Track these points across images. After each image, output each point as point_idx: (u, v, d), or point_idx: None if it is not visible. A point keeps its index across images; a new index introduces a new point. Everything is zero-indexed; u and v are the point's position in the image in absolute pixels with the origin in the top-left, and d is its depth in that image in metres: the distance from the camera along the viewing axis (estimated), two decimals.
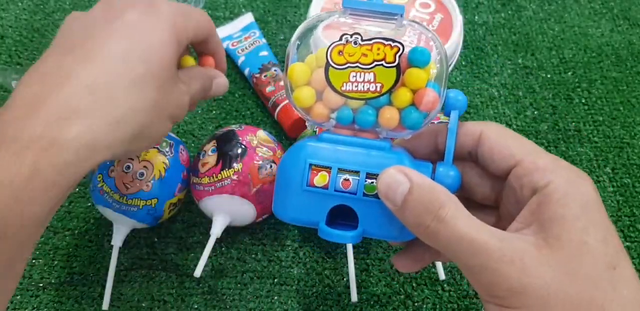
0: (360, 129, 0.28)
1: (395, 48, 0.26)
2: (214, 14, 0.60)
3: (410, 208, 0.23)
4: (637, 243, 0.45)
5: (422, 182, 0.24)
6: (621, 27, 0.60)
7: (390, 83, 0.26)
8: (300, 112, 0.28)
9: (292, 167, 0.27)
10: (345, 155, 0.27)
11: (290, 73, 0.28)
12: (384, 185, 0.24)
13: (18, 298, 0.41)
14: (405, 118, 0.27)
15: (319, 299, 0.41)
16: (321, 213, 0.26)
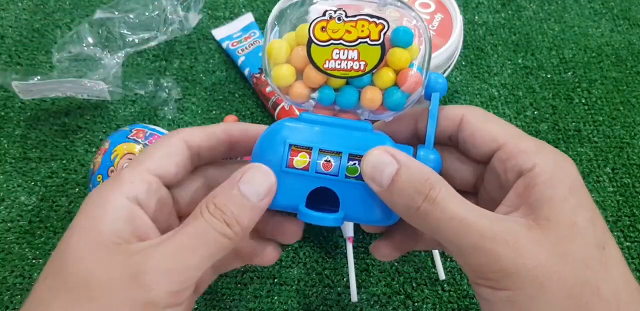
0: (341, 110, 0.27)
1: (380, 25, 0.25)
2: (214, 14, 0.60)
3: (399, 189, 0.23)
4: (637, 243, 0.45)
5: (411, 163, 0.23)
6: (621, 27, 0.60)
7: (374, 61, 0.26)
8: (279, 92, 0.27)
9: (270, 148, 0.25)
10: (326, 136, 0.26)
11: (269, 50, 0.26)
12: (370, 166, 0.23)
13: (18, 298, 0.41)
14: (388, 98, 0.26)
15: (319, 299, 0.41)
16: (301, 196, 0.25)
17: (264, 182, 0.24)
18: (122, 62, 0.53)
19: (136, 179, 0.24)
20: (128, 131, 0.41)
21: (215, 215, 0.23)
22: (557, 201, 0.22)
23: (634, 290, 0.21)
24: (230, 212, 0.23)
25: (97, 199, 0.23)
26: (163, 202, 0.25)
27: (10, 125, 0.51)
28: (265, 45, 0.27)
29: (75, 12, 0.60)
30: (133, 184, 0.24)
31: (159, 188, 0.25)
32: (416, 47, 0.26)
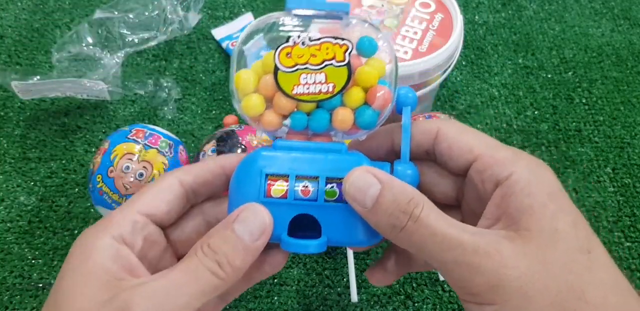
0: (314, 134, 0.27)
1: (345, 46, 0.25)
2: (214, 14, 0.60)
3: (383, 210, 0.23)
4: (637, 243, 0.45)
5: (393, 182, 0.23)
6: (622, 27, 0.60)
7: (342, 82, 0.26)
8: (250, 122, 0.27)
9: (247, 179, 0.25)
10: (301, 162, 0.26)
11: (237, 81, 0.26)
12: (352, 188, 0.24)
13: (17, 298, 0.41)
14: (359, 117, 0.26)
15: (319, 299, 0.41)
16: (282, 224, 0.25)
17: (259, 222, 0.24)
18: (122, 62, 0.53)
19: (122, 219, 0.25)
20: (128, 131, 0.41)
21: (208, 255, 0.23)
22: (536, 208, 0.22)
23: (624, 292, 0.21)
24: (222, 252, 0.23)
25: (85, 240, 0.24)
26: (152, 239, 0.26)
27: (9, 125, 0.51)
28: (232, 76, 0.27)
29: (75, 12, 0.60)
30: (119, 224, 0.24)
31: (145, 226, 0.25)
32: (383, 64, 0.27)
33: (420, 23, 0.44)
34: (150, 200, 0.26)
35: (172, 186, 0.26)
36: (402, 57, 0.41)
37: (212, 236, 0.24)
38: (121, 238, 0.24)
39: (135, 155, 0.40)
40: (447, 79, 0.54)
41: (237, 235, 0.24)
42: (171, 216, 0.27)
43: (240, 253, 0.24)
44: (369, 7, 0.45)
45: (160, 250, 0.26)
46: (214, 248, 0.23)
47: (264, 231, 0.24)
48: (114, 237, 0.24)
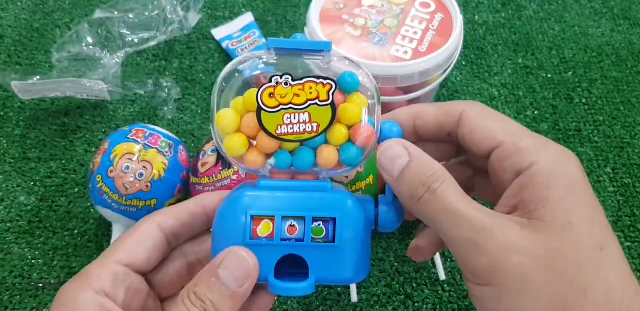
0: (298, 172, 0.27)
1: (328, 85, 0.25)
2: (214, 14, 0.60)
3: (407, 180, 0.23)
4: (637, 243, 0.45)
5: (421, 156, 0.24)
6: (622, 26, 0.60)
7: (326, 121, 0.25)
8: (233, 161, 0.27)
9: (232, 221, 0.25)
10: (287, 201, 0.25)
11: (218, 121, 0.26)
12: (383, 157, 0.24)
13: (17, 298, 0.41)
14: (344, 155, 0.26)
15: (319, 299, 0.41)
16: (269, 266, 0.25)
17: (244, 267, 0.24)
18: (122, 62, 0.53)
19: (102, 272, 0.25)
20: (127, 131, 0.41)
21: (195, 304, 0.23)
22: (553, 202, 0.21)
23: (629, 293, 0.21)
24: (209, 301, 0.23)
25: (66, 298, 0.24)
26: (135, 288, 0.26)
27: (9, 125, 0.51)
28: (214, 115, 0.26)
29: (75, 11, 0.60)
30: (100, 277, 0.24)
31: (127, 277, 0.25)
32: (365, 100, 0.27)
33: (420, 23, 0.44)
34: (130, 249, 0.26)
35: (151, 232, 0.26)
36: (402, 57, 0.41)
37: (198, 284, 0.24)
38: (103, 292, 0.24)
39: (135, 155, 0.40)
40: (447, 79, 0.54)
41: (222, 282, 0.23)
42: (152, 263, 0.26)
43: (227, 300, 0.23)
44: (369, 7, 0.45)
45: (143, 298, 0.26)
46: (200, 296, 0.23)
47: (250, 276, 0.24)
48: (95, 291, 0.24)
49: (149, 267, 0.26)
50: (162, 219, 0.27)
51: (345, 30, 0.43)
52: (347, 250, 0.25)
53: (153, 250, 0.26)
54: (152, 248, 0.26)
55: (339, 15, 0.44)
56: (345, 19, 0.44)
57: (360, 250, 0.25)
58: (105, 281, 0.24)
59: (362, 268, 0.26)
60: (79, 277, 0.25)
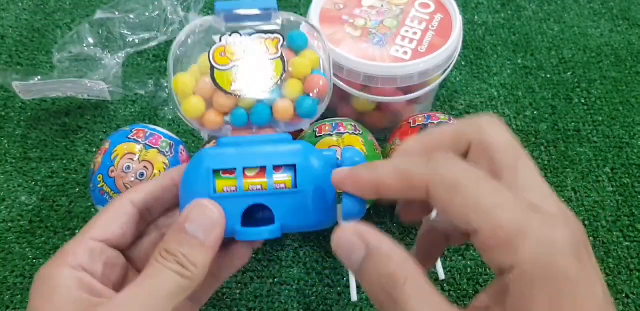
0: (258, 127, 0.27)
1: (276, 40, 0.26)
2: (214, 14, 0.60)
3: (366, 280, 0.20)
4: (636, 243, 0.45)
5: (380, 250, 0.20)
6: (621, 27, 0.60)
7: (277, 74, 0.26)
8: (193, 124, 0.27)
9: (195, 178, 0.25)
10: (247, 154, 0.25)
11: (175, 85, 0.27)
12: (339, 248, 0.21)
13: (18, 297, 0.41)
14: (300, 107, 0.27)
15: (319, 299, 0.41)
16: (235, 218, 0.25)
17: (209, 217, 0.24)
18: (123, 62, 0.54)
19: (78, 249, 0.25)
20: (128, 131, 0.41)
21: (168, 259, 0.23)
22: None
23: None
24: (181, 254, 0.23)
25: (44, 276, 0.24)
26: (112, 263, 0.26)
27: (10, 125, 0.51)
28: (171, 81, 0.27)
29: (76, 12, 0.60)
30: (76, 254, 0.25)
31: (103, 252, 0.26)
32: (315, 55, 0.27)
33: (419, 23, 0.44)
34: (104, 226, 0.26)
35: (124, 208, 0.27)
36: (402, 57, 0.41)
37: (168, 241, 0.24)
38: (80, 267, 0.24)
39: (136, 155, 0.40)
40: (446, 79, 0.55)
41: (190, 235, 0.24)
42: (127, 237, 0.27)
43: (198, 251, 0.24)
44: (368, 7, 0.45)
45: (122, 272, 0.27)
46: (172, 251, 0.23)
47: (216, 225, 0.24)
48: (72, 267, 0.24)
49: (125, 242, 0.27)
50: (134, 195, 0.27)
51: (345, 30, 0.43)
52: (309, 195, 0.25)
53: (127, 224, 0.26)
54: (126, 223, 0.26)
55: (339, 16, 0.44)
56: (345, 20, 0.44)
57: (322, 195, 0.25)
58: (81, 257, 0.25)
59: (326, 215, 0.26)
60: (55, 257, 0.25)
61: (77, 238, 0.26)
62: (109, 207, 0.27)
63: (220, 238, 0.25)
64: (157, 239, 0.28)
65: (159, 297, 0.23)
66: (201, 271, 0.24)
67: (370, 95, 0.43)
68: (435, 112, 0.44)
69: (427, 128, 0.41)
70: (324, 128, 0.41)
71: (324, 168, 0.26)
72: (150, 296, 0.23)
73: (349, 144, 0.40)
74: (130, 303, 0.22)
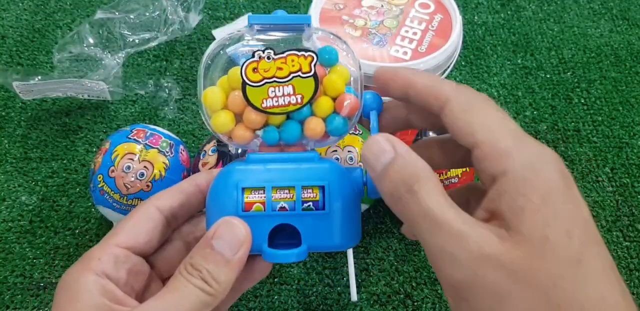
0: (286, 145, 0.28)
1: (310, 57, 0.26)
2: (214, 14, 0.60)
3: (388, 177, 0.22)
4: (636, 242, 0.45)
5: (407, 155, 0.23)
6: (620, 27, 0.60)
7: (310, 93, 0.26)
8: (222, 138, 0.27)
9: (223, 194, 0.25)
10: (276, 173, 0.26)
11: (205, 99, 0.27)
12: (368, 152, 0.23)
13: (19, 297, 0.41)
14: (330, 125, 0.27)
15: (319, 298, 0.41)
16: (262, 236, 0.25)
17: (236, 235, 0.24)
18: (123, 62, 0.54)
19: (103, 255, 0.25)
20: (128, 131, 0.42)
21: (193, 274, 0.24)
22: (529, 212, 0.20)
23: (611, 306, 0.20)
24: (205, 270, 0.24)
25: (68, 282, 0.24)
26: (137, 270, 0.26)
27: (11, 125, 0.51)
28: (200, 94, 0.27)
29: (76, 12, 0.60)
30: (100, 261, 0.25)
31: (127, 259, 0.26)
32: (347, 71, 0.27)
33: (419, 24, 0.44)
34: (129, 232, 0.26)
35: (150, 214, 0.27)
36: (402, 57, 0.41)
37: (193, 256, 0.24)
38: (104, 274, 0.24)
39: (136, 155, 0.40)
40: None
41: (216, 251, 0.24)
42: (152, 244, 0.27)
43: (223, 268, 0.24)
44: (368, 7, 0.45)
45: (145, 279, 0.27)
46: (196, 267, 0.24)
47: (243, 243, 0.24)
48: (96, 274, 0.24)
49: (150, 249, 0.27)
50: (159, 201, 0.27)
51: (345, 30, 0.43)
52: (336, 216, 0.25)
53: (153, 231, 0.26)
54: (152, 229, 0.26)
55: (339, 16, 0.44)
56: (345, 20, 0.44)
57: (349, 216, 0.26)
58: (106, 264, 0.25)
59: (353, 235, 0.26)
60: (80, 261, 0.25)
61: (102, 244, 0.26)
62: (134, 212, 0.27)
63: (246, 257, 0.25)
64: (180, 247, 0.28)
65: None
66: (224, 288, 0.24)
67: None
68: None
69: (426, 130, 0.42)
70: None
71: (351, 188, 0.26)
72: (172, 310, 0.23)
73: (348, 144, 0.40)
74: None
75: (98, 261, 0.25)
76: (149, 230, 0.26)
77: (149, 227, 0.26)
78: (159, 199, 0.27)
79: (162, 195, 0.28)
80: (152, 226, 0.27)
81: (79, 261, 0.25)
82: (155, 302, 0.23)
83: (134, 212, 0.27)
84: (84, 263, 0.25)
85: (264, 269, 0.29)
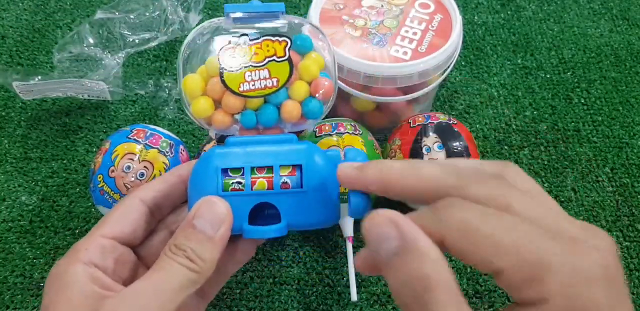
0: (265, 128, 0.28)
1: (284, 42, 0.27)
2: (214, 14, 0.60)
3: (394, 272, 0.19)
4: (636, 242, 0.45)
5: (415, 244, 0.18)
6: (620, 27, 0.60)
7: (285, 76, 0.27)
8: (202, 123, 0.28)
9: (203, 177, 0.26)
10: (254, 154, 0.26)
11: (185, 85, 0.27)
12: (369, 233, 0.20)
13: (19, 297, 0.41)
14: (306, 108, 0.28)
15: (319, 298, 0.41)
16: (243, 216, 0.26)
17: (216, 212, 0.25)
18: (123, 62, 0.54)
19: (90, 245, 0.26)
20: (128, 131, 0.42)
21: (177, 254, 0.24)
22: None
23: None
24: (189, 249, 0.24)
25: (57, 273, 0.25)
26: (124, 259, 0.27)
27: (11, 125, 0.51)
28: (180, 82, 0.28)
29: (76, 12, 0.60)
30: (87, 251, 0.25)
31: (114, 249, 0.26)
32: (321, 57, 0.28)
33: (419, 23, 0.44)
34: (114, 223, 0.27)
35: (134, 205, 0.27)
36: (402, 57, 0.41)
37: (177, 237, 0.25)
38: (92, 263, 0.25)
39: (136, 155, 0.40)
40: (446, 79, 0.55)
41: (198, 230, 0.24)
42: (138, 234, 0.27)
43: (206, 245, 0.24)
44: (368, 7, 0.45)
45: (132, 269, 0.27)
46: (180, 246, 0.24)
47: (224, 220, 0.25)
48: (84, 263, 0.25)
49: (135, 239, 0.27)
50: (142, 192, 0.28)
51: (345, 30, 0.43)
52: (314, 194, 0.26)
53: (138, 221, 0.27)
54: (137, 220, 0.27)
55: (339, 16, 0.44)
56: (345, 20, 0.44)
57: (327, 194, 0.26)
58: (92, 254, 0.25)
59: (330, 213, 0.26)
60: (68, 254, 0.26)
61: (88, 236, 0.26)
62: (119, 205, 0.28)
63: (228, 234, 0.25)
64: (166, 237, 0.29)
65: (167, 289, 0.23)
66: (209, 266, 0.24)
67: (370, 95, 0.44)
68: (435, 112, 0.44)
69: (426, 128, 0.42)
70: (324, 128, 0.41)
71: (328, 168, 0.26)
72: (159, 288, 0.23)
73: (349, 144, 0.40)
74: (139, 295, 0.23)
75: (85, 251, 0.25)
76: (133, 220, 0.27)
77: (133, 217, 0.27)
78: (142, 190, 0.28)
79: (145, 186, 0.28)
80: (136, 216, 0.27)
81: (66, 254, 0.26)
82: (143, 283, 0.24)
83: (118, 204, 0.28)
84: (71, 255, 0.25)
85: (247, 250, 0.29)
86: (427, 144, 0.41)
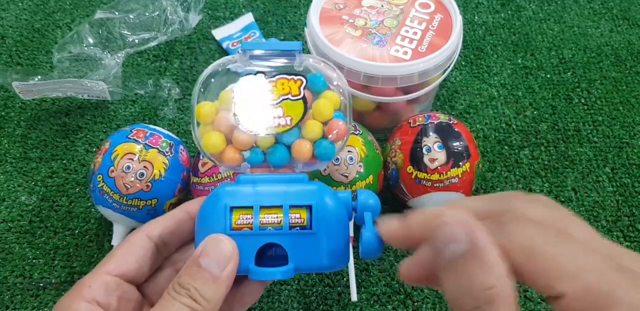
0: (275, 167, 0.28)
1: (299, 81, 0.27)
2: (214, 14, 0.60)
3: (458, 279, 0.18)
4: (636, 242, 0.45)
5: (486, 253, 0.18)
6: (620, 27, 0.60)
7: (299, 115, 0.27)
8: (212, 159, 0.28)
9: (212, 214, 0.26)
10: (264, 193, 0.26)
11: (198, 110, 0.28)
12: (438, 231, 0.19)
13: (18, 297, 0.41)
14: (318, 149, 0.27)
15: (319, 298, 0.41)
16: (250, 255, 0.25)
17: (223, 251, 0.24)
18: (122, 62, 0.54)
19: (94, 283, 0.25)
20: (128, 131, 0.41)
21: (180, 293, 0.23)
22: None
23: None
24: (193, 288, 0.23)
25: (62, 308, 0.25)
26: (127, 297, 0.26)
27: (10, 125, 0.51)
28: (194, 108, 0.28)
29: (76, 12, 0.60)
30: (91, 288, 0.25)
31: (118, 287, 0.26)
32: (337, 97, 0.28)
33: (419, 23, 0.44)
34: (120, 260, 0.26)
35: (140, 242, 0.27)
36: (402, 57, 0.41)
37: (181, 276, 0.24)
38: (95, 301, 0.25)
39: (136, 155, 0.40)
40: (446, 79, 0.55)
41: (204, 269, 0.24)
42: (143, 271, 0.27)
43: (211, 285, 0.24)
44: (368, 7, 0.45)
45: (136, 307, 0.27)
46: (184, 285, 0.24)
47: (230, 259, 0.24)
48: (88, 301, 0.24)
49: (141, 276, 0.27)
50: (149, 229, 0.27)
51: (345, 30, 0.43)
52: (323, 236, 0.25)
53: (143, 258, 0.27)
54: (142, 256, 0.27)
55: (339, 16, 0.44)
56: (345, 20, 0.44)
57: (337, 237, 0.26)
58: (96, 291, 0.25)
59: (339, 256, 0.26)
60: (73, 289, 0.25)
61: (94, 272, 0.26)
62: (125, 240, 0.27)
63: (234, 273, 0.24)
64: (171, 275, 0.28)
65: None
66: (213, 306, 0.24)
67: (370, 95, 0.43)
68: (435, 112, 0.44)
69: (427, 128, 0.41)
70: None
71: (338, 210, 0.26)
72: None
73: (349, 144, 0.40)
74: None
75: (89, 288, 0.25)
76: (139, 257, 0.26)
77: (139, 254, 0.26)
78: (149, 227, 0.27)
79: (153, 222, 0.28)
80: (142, 253, 0.27)
81: (71, 290, 0.25)
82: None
83: (125, 240, 0.27)
84: (75, 291, 0.25)
85: (254, 292, 0.28)
86: (428, 144, 0.41)
